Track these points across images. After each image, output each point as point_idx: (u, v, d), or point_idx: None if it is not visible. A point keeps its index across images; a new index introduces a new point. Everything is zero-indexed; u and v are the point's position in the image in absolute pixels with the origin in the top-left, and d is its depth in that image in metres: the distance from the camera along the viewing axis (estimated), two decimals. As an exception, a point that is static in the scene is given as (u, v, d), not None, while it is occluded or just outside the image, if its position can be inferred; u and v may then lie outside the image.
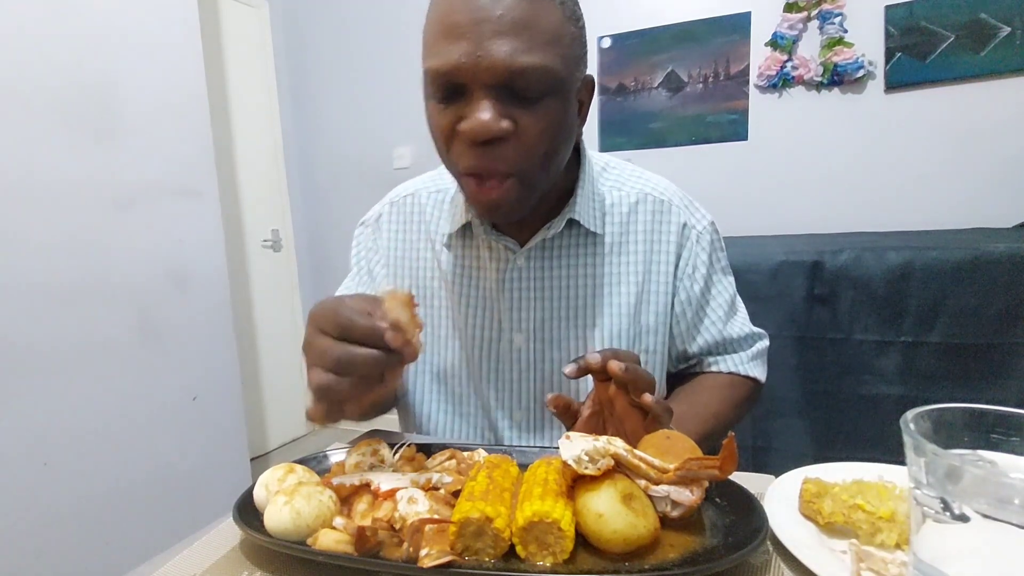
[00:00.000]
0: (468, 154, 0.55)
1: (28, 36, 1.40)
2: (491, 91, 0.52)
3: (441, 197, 0.74)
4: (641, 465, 0.42)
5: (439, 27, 0.53)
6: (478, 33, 0.51)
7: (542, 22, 0.52)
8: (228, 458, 1.93)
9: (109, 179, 1.57)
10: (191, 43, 1.80)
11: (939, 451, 0.29)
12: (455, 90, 0.54)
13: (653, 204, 0.70)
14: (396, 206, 0.77)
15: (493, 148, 0.54)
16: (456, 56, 0.51)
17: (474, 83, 0.52)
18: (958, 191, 1.89)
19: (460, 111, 0.54)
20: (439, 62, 0.53)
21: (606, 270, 0.68)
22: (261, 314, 2.70)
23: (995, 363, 1.28)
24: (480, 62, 0.51)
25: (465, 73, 0.52)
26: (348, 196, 2.87)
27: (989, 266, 1.28)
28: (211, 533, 0.49)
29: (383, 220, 0.77)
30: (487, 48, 0.50)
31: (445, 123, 0.56)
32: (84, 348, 1.50)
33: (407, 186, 0.78)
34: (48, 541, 1.42)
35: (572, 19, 0.56)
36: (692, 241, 0.70)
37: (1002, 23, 1.77)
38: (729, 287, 0.74)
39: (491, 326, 0.69)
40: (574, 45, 0.56)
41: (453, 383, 0.71)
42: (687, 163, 2.21)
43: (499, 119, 0.53)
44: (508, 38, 0.51)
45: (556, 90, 0.55)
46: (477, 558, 0.39)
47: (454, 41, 0.51)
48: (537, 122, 0.54)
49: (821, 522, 0.43)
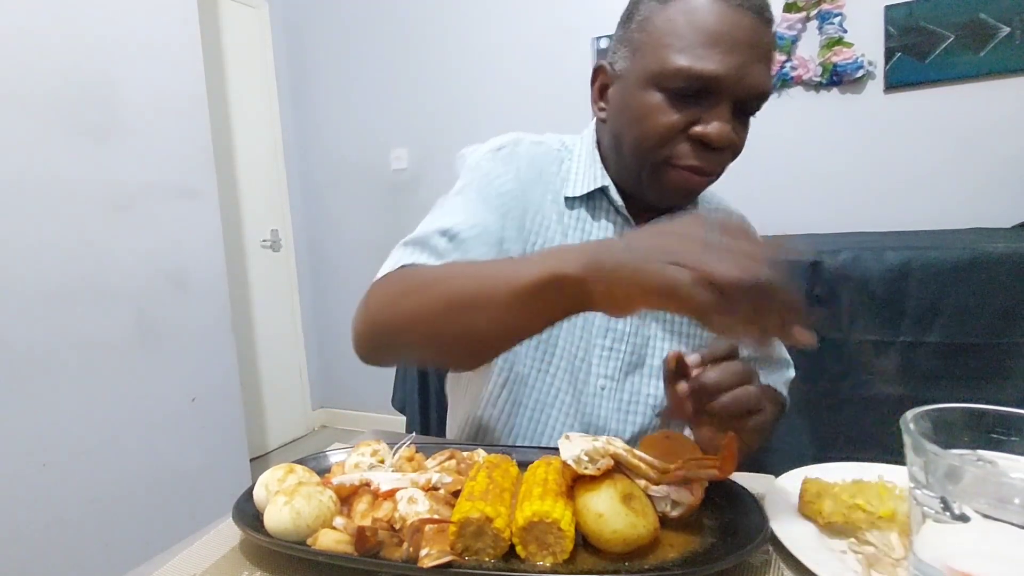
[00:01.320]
0: (694, 154, 0.60)
1: (28, 36, 1.39)
2: (733, 104, 0.58)
3: (565, 155, 0.72)
4: (641, 465, 0.42)
5: (709, 34, 0.55)
6: (748, 53, 0.55)
7: (772, 51, 0.60)
8: (228, 459, 1.93)
9: (108, 179, 1.57)
10: (191, 43, 1.80)
11: (939, 451, 0.29)
12: (699, 93, 0.57)
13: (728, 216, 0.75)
14: (523, 145, 0.71)
15: (718, 153, 0.60)
16: (724, 67, 0.55)
17: (726, 94, 0.57)
18: (958, 191, 1.89)
19: (697, 114, 0.58)
20: (703, 66, 0.55)
21: None
22: (260, 314, 2.69)
23: (995, 363, 1.28)
24: (744, 80, 0.56)
25: (725, 84, 0.56)
26: (347, 196, 2.87)
27: (988, 266, 1.28)
28: (211, 533, 0.49)
29: (505, 152, 0.70)
30: (751, 69, 0.56)
31: (674, 120, 0.59)
32: (83, 349, 1.50)
33: (532, 135, 0.74)
34: (48, 542, 1.42)
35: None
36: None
37: (1002, 23, 1.77)
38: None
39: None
40: None
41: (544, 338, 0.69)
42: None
43: (732, 131, 0.59)
44: (764, 64, 0.57)
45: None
46: (477, 558, 0.39)
47: (725, 53, 0.55)
48: (744, 134, 0.62)
49: (821, 522, 0.43)
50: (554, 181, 0.70)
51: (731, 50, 0.55)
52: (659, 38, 0.58)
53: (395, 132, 2.72)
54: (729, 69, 0.55)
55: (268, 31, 2.75)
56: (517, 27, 2.40)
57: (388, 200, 2.76)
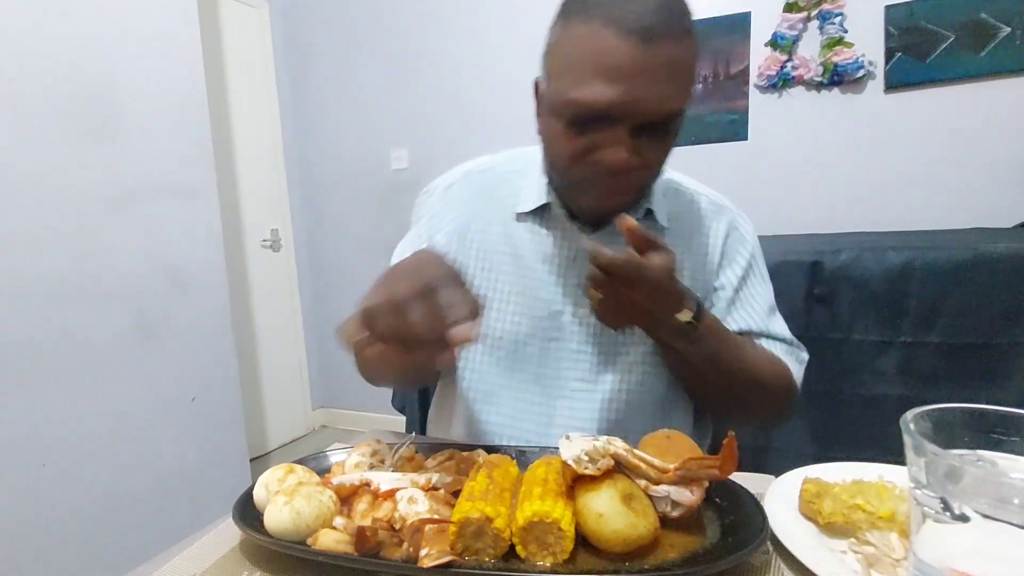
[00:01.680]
0: (598, 180, 0.60)
1: (28, 36, 1.40)
2: (633, 127, 0.56)
3: (516, 177, 0.76)
4: (641, 465, 0.42)
5: (595, 65, 0.54)
6: (636, 80, 0.53)
7: (685, 64, 0.55)
8: (227, 458, 1.93)
9: (108, 179, 1.57)
10: (191, 43, 1.80)
11: (939, 451, 0.29)
12: (594, 120, 0.56)
13: (708, 203, 0.76)
14: (471, 177, 0.79)
15: (625, 175, 0.58)
16: (611, 96, 0.54)
17: (620, 120, 0.55)
18: (958, 191, 1.89)
19: (595, 140, 0.57)
20: (593, 98, 0.54)
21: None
22: (260, 314, 2.69)
23: (995, 363, 1.28)
24: (634, 107, 0.54)
25: (615, 112, 0.55)
26: (347, 196, 2.87)
27: (989, 266, 1.28)
28: (211, 533, 0.49)
29: (453, 190, 0.78)
30: (643, 94, 0.53)
31: (574, 148, 0.59)
32: (82, 348, 1.50)
33: (483, 162, 0.81)
34: (48, 542, 1.42)
35: (697, 52, 0.58)
36: (736, 241, 0.75)
37: (1002, 23, 1.76)
38: (768, 292, 0.76)
39: (557, 299, 0.72)
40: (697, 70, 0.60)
41: (504, 352, 0.73)
42: (687, 163, 2.19)
43: (633, 156, 0.57)
44: (661, 85, 0.54)
45: (682, 119, 0.59)
46: (477, 558, 0.39)
47: (612, 83, 0.53)
48: (662, 150, 0.60)
49: (821, 522, 0.43)
50: (507, 200, 0.75)
51: (617, 79, 0.53)
52: (556, 67, 0.59)
53: (395, 132, 2.72)
54: (613, 99, 0.54)
55: (268, 31, 2.75)
56: (517, 27, 2.40)
57: (388, 200, 2.76)
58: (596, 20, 0.54)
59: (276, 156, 2.81)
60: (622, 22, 0.52)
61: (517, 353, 0.72)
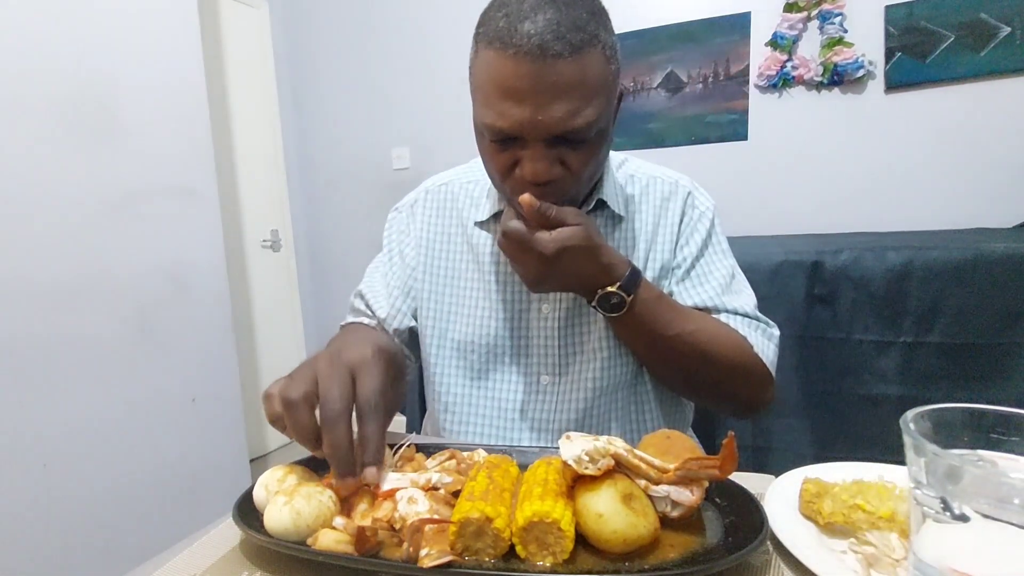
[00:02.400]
0: (526, 191, 0.60)
1: (28, 36, 1.40)
2: (546, 141, 0.58)
3: (473, 187, 0.81)
4: (641, 465, 0.42)
5: (497, 88, 0.57)
6: (536, 99, 0.55)
7: (591, 77, 0.56)
8: (227, 459, 1.93)
9: (108, 179, 1.57)
10: (191, 43, 1.80)
11: (939, 451, 0.29)
12: (510, 139, 0.59)
13: (662, 185, 0.77)
14: (431, 194, 0.83)
15: (546, 188, 0.60)
16: (516, 118, 0.56)
17: (533, 137, 0.57)
18: (958, 191, 1.89)
19: (517, 154, 0.60)
20: (501, 123, 0.57)
21: (620, 245, 0.74)
22: (260, 314, 2.69)
23: (995, 363, 1.28)
24: (539, 125, 0.56)
25: (525, 130, 0.57)
26: (347, 196, 2.87)
27: (989, 266, 1.28)
28: (211, 533, 0.49)
29: (418, 206, 0.83)
30: (545, 112, 0.55)
31: (500, 163, 0.62)
32: (83, 349, 1.50)
33: (441, 176, 0.85)
34: (48, 542, 1.42)
35: (613, 56, 0.59)
36: (693, 217, 0.76)
37: (1002, 23, 1.76)
38: (725, 266, 0.75)
39: (520, 299, 0.75)
40: (615, 79, 0.60)
41: (476, 356, 0.76)
42: (686, 163, 2.21)
43: (551, 167, 0.59)
44: (563, 101, 0.55)
45: (601, 128, 0.59)
46: (477, 558, 0.39)
47: (514, 104, 0.56)
48: (585, 159, 0.60)
49: (821, 522, 0.43)
50: (466, 211, 0.79)
51: (520, 101, 0.55)
52: (473, 91, 0.62)
53: (396, 131, 2.71)
54: (520, 118, 0.56)
55: (268, 31, 2.75)
56: (517, 27, 2.40)
57: (389, 200, 2.72)
58: (495, 44, 0.56)
59: (276, 156, 2.81)
60: (518, 44, 0.54)
61: (489, 356, 0.75)
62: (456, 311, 0.77)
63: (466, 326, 0.76)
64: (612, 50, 0.59)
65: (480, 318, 0.75)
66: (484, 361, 0.75)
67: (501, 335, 0.74)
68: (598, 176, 0.69)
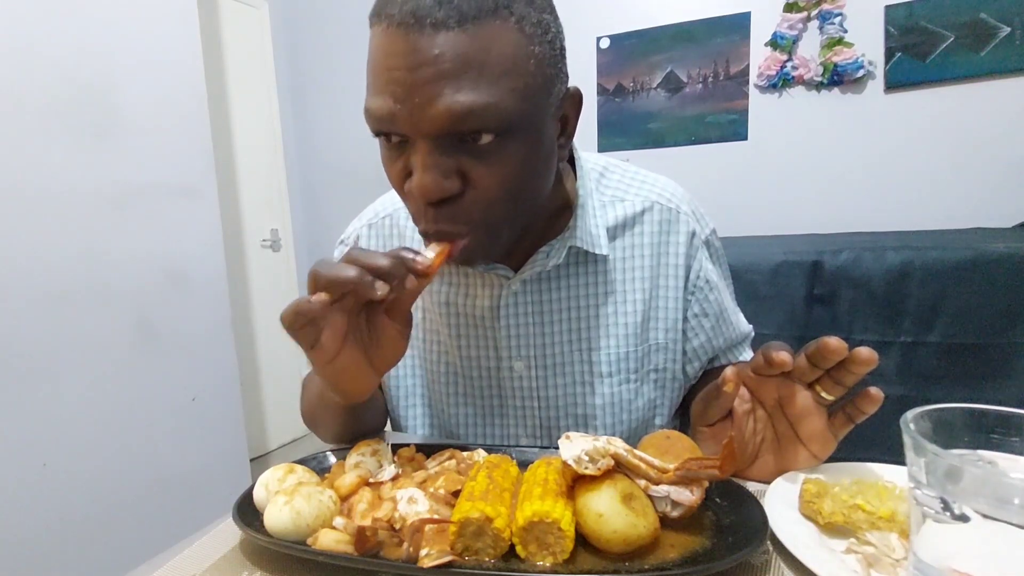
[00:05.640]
0: (418, 213, 0.49)
1: (27, 36, 1.39)
2: (435, 142, 0.45)
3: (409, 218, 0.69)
4: (641, 465, 0.42)
5: (372, 71, 0.46)
6: (414, 77, 0.43)
7: (492, 54, 0.43)
8: (227, 459, 1.93)
9: (108, 179, 1.57)
10: (191, 43, 1.80)
11: (939, 451, 0.29)
12: (401, 141, 0.47)
13: (660, 213, 0.64)
14: (374, 228, 0.71)
15: (443, 208, 0.47)
16: (391, 103, 0.44)
17: (414, 134, 0.45)
18: (958, 191, 1.89)
19: (407, 160, 0.47)
20: (375, 106, 0.46)
21: (609, 288, 0.63)
22: (260, 314, 2.69)
23: (995, 363, 1.29)
24: (416, 111, 0.43)
25: (402, 123, 0.45)
26: (347, 196, 2.87)
27: (989, 266, 1.28)
28: (211, 533, 0.49)
29: (360, 243, 0.72)
30: (424, 94, 0.43)
31: (395, 173, 0.49)
32: (83, 349, 1.50)
33: (384, 205, 0.72)
34: (48, 542, 1.42)
35: (537, 36, 0.46)
36: (701, 251, 0.65)
37: (1002, 23, 1.77)
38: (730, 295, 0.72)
39: (488, 355, 0.66)
40: (541, 67, 0.47)
41: (447, 414, 0.69)
42: (686, 163, 2.21)
43: (443, 179, 0.45)
44: (447, 81, 0.42)
45: (516, 127, 0.46)
46: (477, 558, 0.39)
47: (390, 85, 0.44)
48: (492, 171, 0.46)
49: (821, 522, 0.43)
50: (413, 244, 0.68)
51: (395, 81, 0.43)
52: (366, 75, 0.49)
53: (395, 132, 2.72)
54: (395, 104, 0.44)
55: (268, 31, 2.75)
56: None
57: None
58: (373, 18, 0.47)
59: (276, 156, 2.81)
60: (390, 13, 0.44)
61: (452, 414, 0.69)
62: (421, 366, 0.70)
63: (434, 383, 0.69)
64: (537, 27, 0.46)
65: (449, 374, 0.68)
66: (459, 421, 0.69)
67: (479, 395, 0.67)
68: (529, 198, 0.51)
